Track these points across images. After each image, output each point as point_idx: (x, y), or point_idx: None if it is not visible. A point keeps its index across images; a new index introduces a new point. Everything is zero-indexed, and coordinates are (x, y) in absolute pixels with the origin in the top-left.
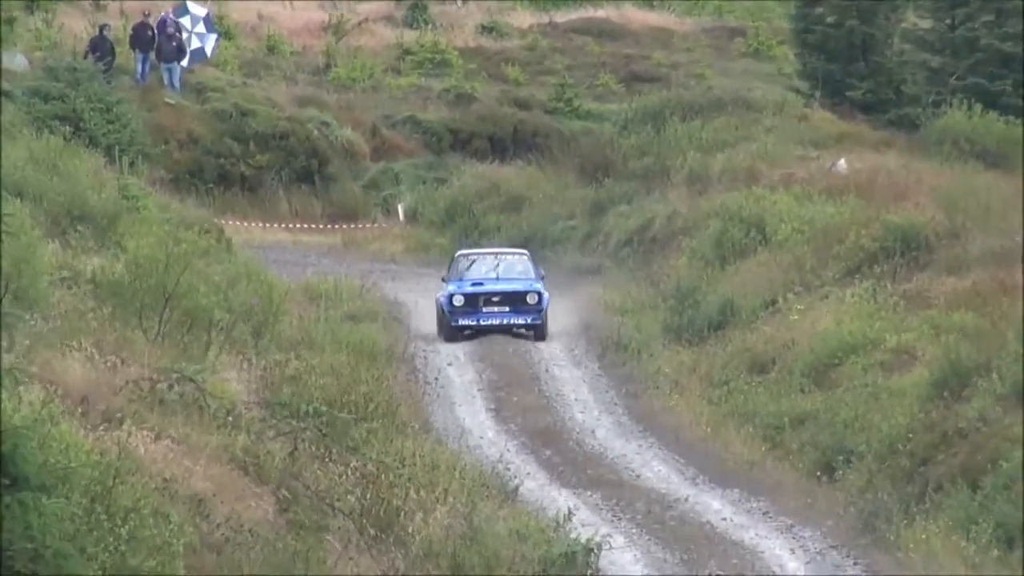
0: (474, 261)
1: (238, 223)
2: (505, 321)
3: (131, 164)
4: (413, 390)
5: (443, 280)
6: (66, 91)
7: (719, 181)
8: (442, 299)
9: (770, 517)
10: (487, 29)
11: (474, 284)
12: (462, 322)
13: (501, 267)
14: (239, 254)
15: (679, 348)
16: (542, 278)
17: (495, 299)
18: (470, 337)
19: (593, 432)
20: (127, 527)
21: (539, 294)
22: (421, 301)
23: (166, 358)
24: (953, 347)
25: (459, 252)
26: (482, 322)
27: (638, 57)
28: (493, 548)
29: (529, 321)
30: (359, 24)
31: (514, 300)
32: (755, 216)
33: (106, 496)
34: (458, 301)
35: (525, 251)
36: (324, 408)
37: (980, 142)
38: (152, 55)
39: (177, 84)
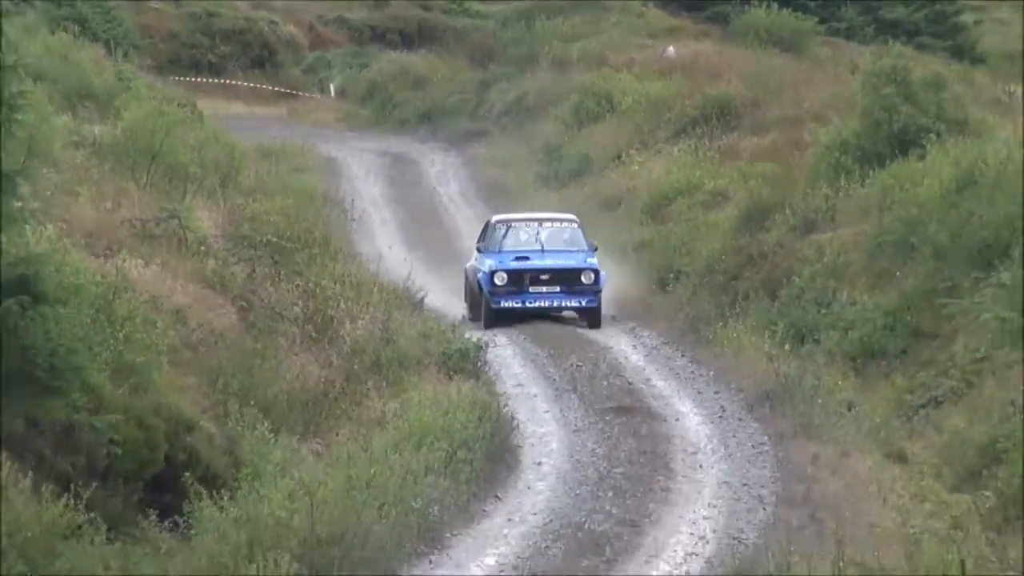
0: (512, 228)
1: (207, 99)
2: (555, 303)
3: (124, 55)
4: (343, 226)
5: (477, 249)
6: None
7: (576, 64)
8: (479, 275)
9: (617, 321)
10: None
11: (518, 258)
12: (505, 304)
13: (545, 236)
14: (208, 123)
15: (547, 192)
16: (594, 250)
17: (544, 277)
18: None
19: None
20: (123, 331)
21: (595, 272)
22: (349, 157)
23: (153, 203)
24: (756, 190)
25: (495, 218)
26: (528, 304)
27: None
28: (404, 346)
29: (584, 304)
30: None
31: (566, 279)
32: (604, 91)
33: (107, 308)
34: (500, 280)
35: (574, 217)
36: (275, 240)
37: (776, 32)
38: None
39: None
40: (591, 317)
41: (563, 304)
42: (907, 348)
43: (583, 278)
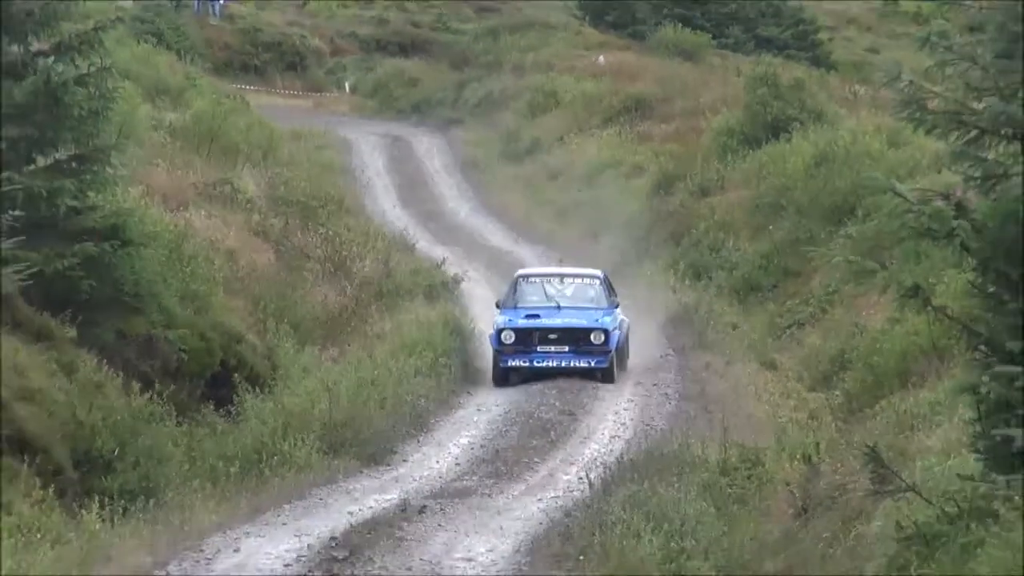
0: (536, 284)
1: (253, 95)
2: (564, 363)
3: (191, 60)
4: (354, 190)
5: (497, 307)
6: (154, 18)
7: (530, 69)
8: (491, 333)
9: (558, 262)
10: None
11: (528, 316)
12: (512, 363)
13: (567, 293)
14: (253, 112)
15: (508, 166)
16: (615, 307)
17: (552, 336)
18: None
19: (458, 213)
20: (189, 267)
21: (605, 332)
22: (359, 138)
23: (212, 171)
24: (665, 164)
25: (520, 272)
26: (536, 363)
27: None
28: (400, 280)
29: (593, 365)
30: None
31: (576, 338)
32: (551, 89)
33: (177, 249)
34: (508, 338)
35: (599, 272)
36: (303, 199)
37: (680, 46)
38: None
39: (218, 13)
40: (603, 376)
41: (571, 364)
42: (777, 283)
43: (593, 338)
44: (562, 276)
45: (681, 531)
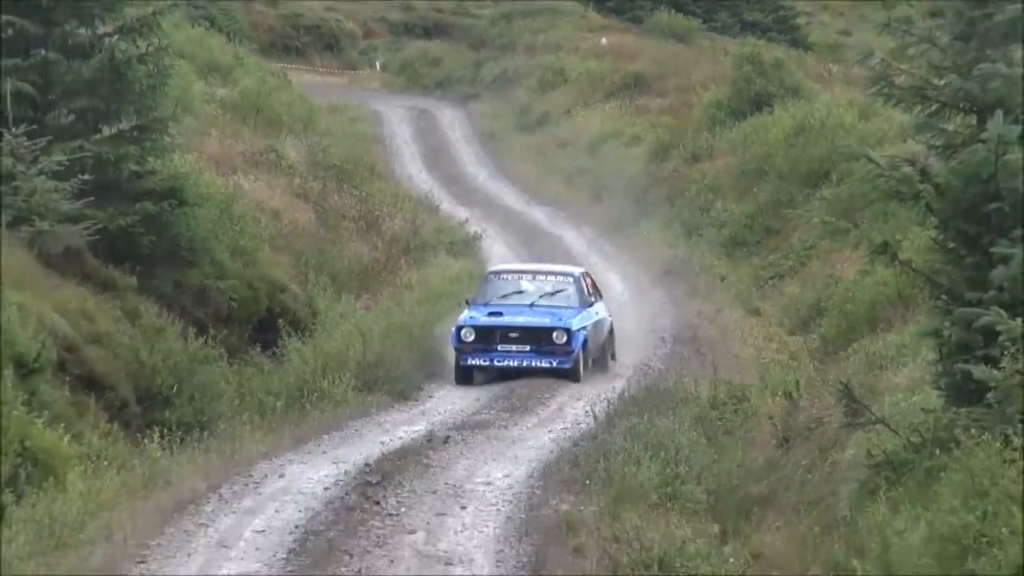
0: (507, 281)
1: (294, 73)
2: (525, 363)
3: (239, 42)
4: (384, 157)
5: (466, 303)
6: (206, 3)
7: (540, 49)
8: (452, 331)
9: (566, 220)
10: None
11: (491, 314)
12: (472, 362)
13: (540, 290)
14: (295, 88)
15: (521, 136)
16: (589, 305)
17: (513, 335)
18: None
19: (477, 178)
20: (238, 225)
21: (568, 331)
22: (388, 111)
23: (258, 140)
24: (660, 134)
25: (491, 269)
26: (496, 363)
27: None
28: (425, 236)
29: (555, 365)
30: None
31: (537, 338)
32: (559, 67)
33: (228, 209)
34: (468, 335)
35: (574, 270)
36: (339, 165)
37: (674, 29)
38: None
39: None
40: (568, 376)
41: (533, 364)
42: (761, 240)
43: (555, 337)
44: (534, 273)
45: (676, 458)
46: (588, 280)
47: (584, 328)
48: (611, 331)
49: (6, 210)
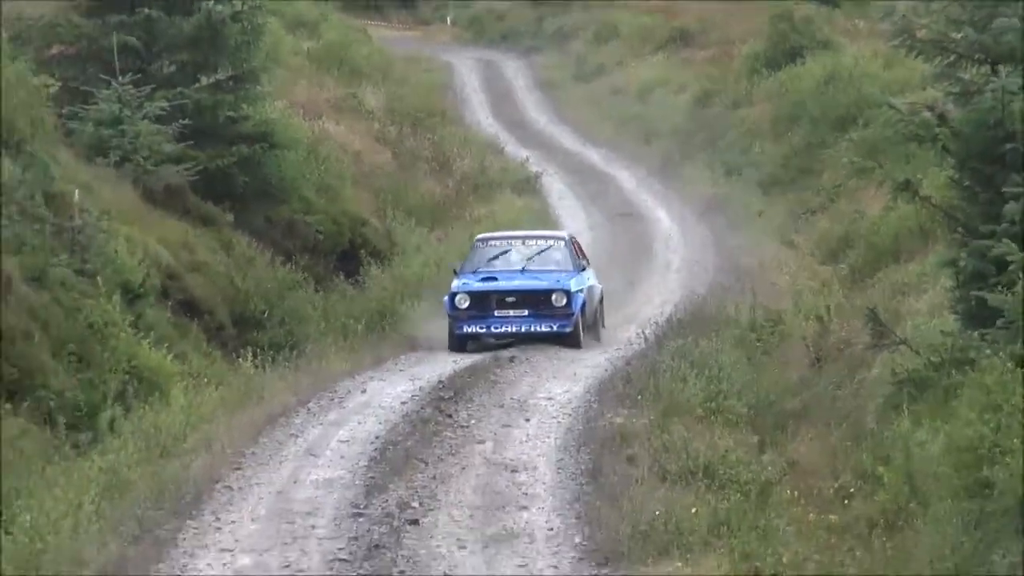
0: (496, 247)
1: (373, 27)
2: (524, 328)
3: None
4: (454, 104)
5: (454, 272)
6: None
7: (596, 6)
8: (445, 298)
9: (618, 161)
10: None
11: (485, 279)
12: (468, 330)
13: (530, 256)
14: (374, 42)
15: (577, 86)
16: (583, 269)
17: (510, 300)
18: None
19: (538, 123)
20: (324, 165)
21: (567, 293)
22: (458, 62)
23: (341, 88)
24: (704, 83)
25: (478, 236)
26: (494, 329)
27: None
28: (491, 175)
29: (555, 329)
30: None
31: (535, 302)
32: (612, 23)
33: (314, 151)
34: (463, 302)
35: (564, 233)
36: (414, 111)
37: None
38: None
39: None
40: (568, 341)
41: (532, 329)
42: (795, 179)
43: (554, 300)
44: (524, 238)
45: (719, 376)
46: (577, 245)
47: (581, 291)
48: (601, 298)
49: (114, 151)
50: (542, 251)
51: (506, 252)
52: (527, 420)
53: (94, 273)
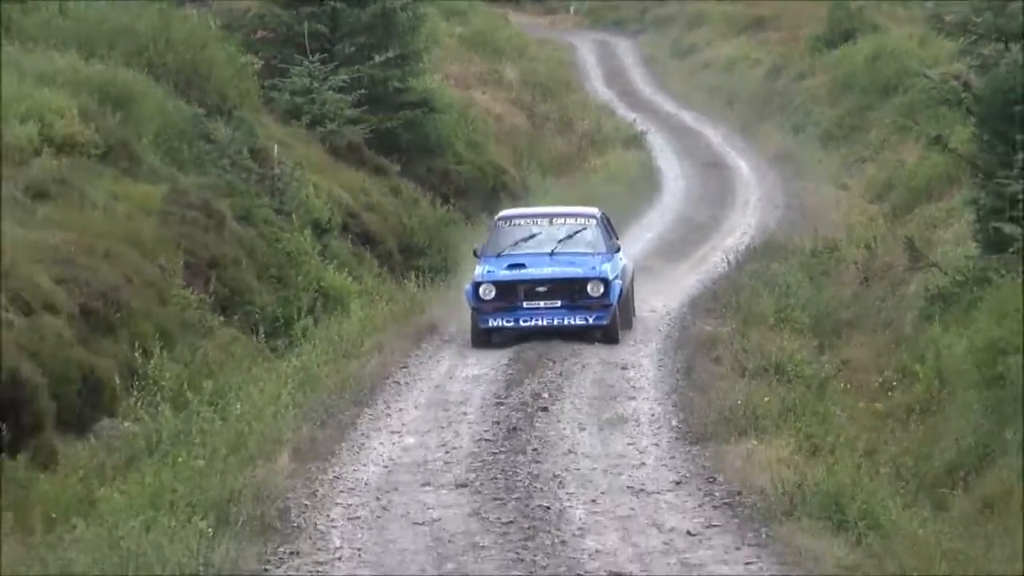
0: (520, 227)
1: (512, 14)
2: (556, 321)
3: None
4: (576, 76)
5: (475, 255)
6: None
7: None
8: (467, 288)
9: (707, 122)
10: None
11: (512, 266)
12: (494, 323)
13: (558, 237)
14: (512, 26)
15: (675, 61)
16: (616, 251)
17: (540, 289)
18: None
19: (643, 92)
20: (472, 125)
21: (605, 281)
22: (578, 43)
23: (486, 63)
24: (775, 59)
25: (500, 215)
26: (523, 322)
27: None
28: (606, 133)
29: (591, 321)
30: None
31: (569, 291)
32: (703, 12)
33: (465, 114)
34: (487, 293)
35: (595, 211)
36: (544, 82)
37: None
38: None
39: None
40: (605, 334)
41: (565, 322)
42: (847, 135)
43: (590, 290)
44: (551, 216)
45: (787, 293)
46: (608, 223)
47: (619, 277)
48: (632, 280)
49: (305, 115)
50: (573, 233)
51: (531, 232)
52: (633, 329)
53: (290, 212)
